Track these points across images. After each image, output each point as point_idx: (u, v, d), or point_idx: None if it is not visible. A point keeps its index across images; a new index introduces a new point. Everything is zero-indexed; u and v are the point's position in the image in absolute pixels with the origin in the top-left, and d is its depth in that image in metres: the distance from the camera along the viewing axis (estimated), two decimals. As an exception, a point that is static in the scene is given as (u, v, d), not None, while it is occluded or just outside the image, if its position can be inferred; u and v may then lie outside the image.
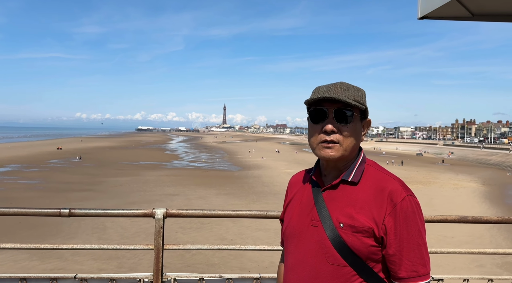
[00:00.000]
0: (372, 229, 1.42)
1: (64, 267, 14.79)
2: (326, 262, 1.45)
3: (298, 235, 1.55)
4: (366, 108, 1.56)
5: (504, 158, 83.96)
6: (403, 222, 1.42)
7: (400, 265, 1.42)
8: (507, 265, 17.22)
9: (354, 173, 1.51)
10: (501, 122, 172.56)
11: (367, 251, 1.43)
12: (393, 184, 1.46)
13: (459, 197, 35.92)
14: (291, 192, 1.70)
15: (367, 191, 1.47)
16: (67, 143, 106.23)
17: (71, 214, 2.31)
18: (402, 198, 1.43)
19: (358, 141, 1.54)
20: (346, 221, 1.44)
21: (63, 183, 36.52)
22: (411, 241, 1.42)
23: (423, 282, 1.42)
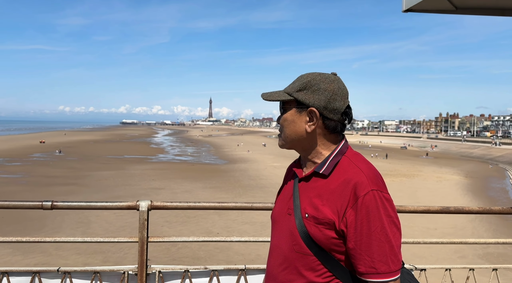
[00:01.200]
0: (333, 221, 1.42)
1: (48, 261, 14.64)
2: (293, 249, 1.49)
3: (277, 221, 1.61)
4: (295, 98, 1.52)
5: (487, 151, 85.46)
6: (365, 217, 1.39)
7: (360, 259, 1.40)
8: (488, 256, 17.60)
9: (326, 166, 1.52)
10: (484, 115, 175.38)
11: (329, 243, 1.44)
12: (360, 177, 1.43)
13: (442, 190, 36.49)
14: (285, 179, 1.74)
15: (335, 183, 1.47)
16: (50, 137, 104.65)
17: (53, 207, 2.28)
18: (365, 192, 1.40)
19: (294, 132, 1.54)
20: (311, 212, 1.47)
21: (46, 177, 36.03)
22: (372, 237, 1.38)
23: (383, 280, 1.38)
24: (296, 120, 1.54)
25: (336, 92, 1.52)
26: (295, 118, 1.54)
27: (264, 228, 19.37)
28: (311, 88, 1.52)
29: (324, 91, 1.51)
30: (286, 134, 1.57)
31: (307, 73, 1.56)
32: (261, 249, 16.02)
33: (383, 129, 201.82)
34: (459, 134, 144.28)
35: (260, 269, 2.46)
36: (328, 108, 1.51)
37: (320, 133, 1.54)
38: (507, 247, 16.34)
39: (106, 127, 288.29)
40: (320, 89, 1.51)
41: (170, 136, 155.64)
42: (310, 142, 1.56)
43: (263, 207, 2.45)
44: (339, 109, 1.52)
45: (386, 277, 1.38)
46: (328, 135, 1.55)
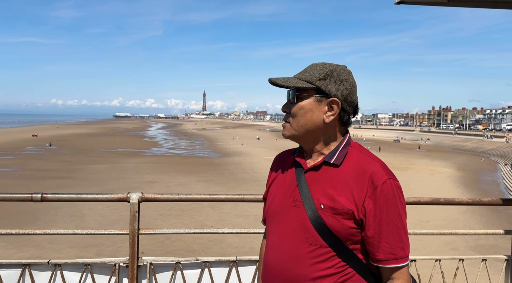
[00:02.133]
0: (352, 211, 1.42)
1: (41, 255, 14.61)
2: (306, 242, 1.46)
3: (280, 215, 1.55)
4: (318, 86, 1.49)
5: (479, 144, 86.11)
6: (383, 205, 1.42)
7: (379, 247, 1.43)
8: (479, 247, 17.80)
9: (337, 155, 1.51)
10: (476, 109, 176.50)
11: (347, 233, 1.43)
12: (375, 166, 1.46)
13: (434, 182, 36.78)
14: (275, 171, 1.69)
15: (348, 173, 1.47)
16: (43, 130, 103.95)
17: (43, 199, 2.26)
18: (383, 181, 1.43)
19: (310, 121, 1.51)
20: (327, 203, 1.45)
21: (39, 170, 35.84)
22: (390, 224, 1.42)
23: (401, 265, 1.44)
24: (315, 110, 1.51)
25: (354, 85, 1.55)
26: (313, 107, 1.51)
27: (257, 221, 19.39)
28: (333, 78, 1.51)
29: (345, 82, 1.52)
30: (301, 123, 1.52)
31: (323, 63, 1.55)
32: (254, 241, 16.08)
33: (377, 123, 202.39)
34: (451, 127, 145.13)
35: (252, 260, 2.46)
36: (348, 100, 1.52)
37: (334, 124, 1.54)
38: (498, 238, 16.52)
39: (99, 120, 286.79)
40: (342, 80, 1.52)
41: (164, 129, 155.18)
42: (324, 133, 1.54)
43: (255, 199, 2.45)
44: (355, 102, 1.55)
45: (403, 262, 1.44)
46: (339, 126, 1.55)
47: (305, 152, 1.59)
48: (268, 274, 1.56)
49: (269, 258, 1.56)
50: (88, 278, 2.33)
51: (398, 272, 1.45)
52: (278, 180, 1.64)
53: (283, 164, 1.66)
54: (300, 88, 1.50)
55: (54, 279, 2.31)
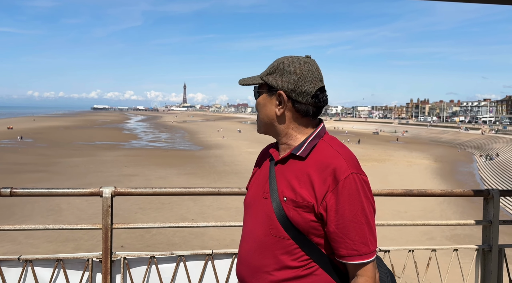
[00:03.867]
0: (312, 204, 1.41)
1: (17, 250, 14.35)
2: (270, 233, 1.47)
3: (251, 206, 1.58)
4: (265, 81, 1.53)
5: (455, 136, 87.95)
6: (346, 200, 1.39)
7: (341, 243, 1.41)
8: (455, 237, 18.26)
9: (304, 148, 1.50)
10: (453, 101, 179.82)
11: (308, 226, 1.43)
12: (339, 160, 1.43)
13: (412, 174, 37.46)
14: (257, 163, 1.71)
15: (312, 166, 1.46)
16: (19, 123, 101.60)
17: (12, 194, 2.20)
18: (346, 176, 1.40)
19: (266, 115, 1.55)
20: (289, 195, 1.45)
21: (15, 164, 35.06)
22: (353, 220, 1.39)
23: (364, 261, 1.41)
24: (267, 104, 1.54)
25: (305, 75, 1.49)
26: (266, 102, 1.54)
27: (239, 213, 19.45)
28: (280, 71, 1.51)
29: (292, 73, 1.49)
30: (260, 118, 1.58)
31: (281, 57, 1.55)
32: (236, 233, 16.10)
33: (356, 115, 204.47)
34: (429, 120, 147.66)
35: (228, 253, 2.46)
36: (296, 91, 1.49)
37: (291, 116, 1.53)
38: (473, 228, 16.94)
39: (76, 112, 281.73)
40: (289, 72, 1.50)
41: (143, 122, 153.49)
42: (282, 126, 1.54)
43: (231, 192, 2.44)
44: (308, 92, 1.49)
45: (367, 258, 1.41)
46: (300, 118, 1.53)
47: (278, 145, 1.61)
48: (239, 263, 1.60)
49: (240, 248, 1.60)
50: (60, 274, 2.29)
51: (362, 269, 1.42)
52: (257, 172, 1.66)
53: (264, 157, 1.68)
54: (259, 85, 1.56)
55: (25, 276, 2.26)
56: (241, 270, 1.57)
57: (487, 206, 2.80)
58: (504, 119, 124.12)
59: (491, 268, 2.75)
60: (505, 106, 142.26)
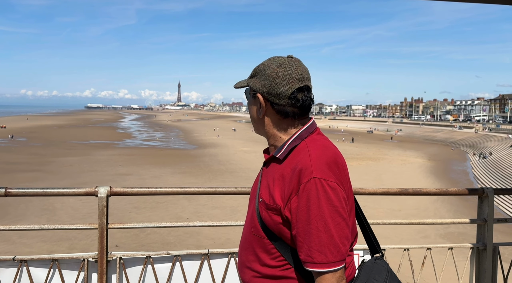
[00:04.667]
0: (279, 207, 1.41)
1: (11, 250, 14.27)
2: (251, 232, 1.54)
3: (249, 205, 1.65)
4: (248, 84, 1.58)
5: (449, 135, 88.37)
6: (304, 204, 1.36)
7: (300, 247, 1.38)
8: (449, 235, 18.35)
9: (283, 150, 1.49)
10: (447, 100, 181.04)
11: (277, 228, 1.43)
12: (306, 163, 1.39)
13: (406, 172, 37.61)
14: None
15: (287, 168, 1.44)
16: (12, 122, 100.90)
17: (7, 194, 2.19)
18: (308, 179, 1.36)
19: (252, 117, 1.60)
20: (264, 197, 1.48)
21: (8, 163, 34.82)
22: (310, 225, 1.35)
23: (319, 270, 1.35)
24: (253, 106, 1.58)
25: (279, 77, 1.47)
26: (252, 104, 1.58)
27: (234, 213, 19.46)
28: (259, 74, 1.53)
29: (268, 76, 1.49)
30: (253, 119, 1.62)
31: (268, 59, 1.57)
32: (231, 232, 16.11)
33: (351, 114, 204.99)
34: (422, 118, 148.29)
35: (224, 253, 2.46)
36: (272, 93, 1.48)
37: (273, 118, 1.53)
38: (467, 226, 17.05)
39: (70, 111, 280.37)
40: (265, 74, 1.50)
41: (138, 120, 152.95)
42: (266, 127, 1.56)
43: (226, 192, 2.44)
44: (284, 94, 1.46)
45: (322, 267, 1.34)
46: (282, 120, 1.51)
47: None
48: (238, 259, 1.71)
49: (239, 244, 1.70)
50: (56, 274, 2.28)
51: (320, 277, 1.36)
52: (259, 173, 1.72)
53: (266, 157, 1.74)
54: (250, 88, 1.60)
55: (20, 276, 2.25)
56: (238, 266, 1.68)
57: (481, 204, 2.82)
58: (497, 117, 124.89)
59: (486, 266, 2.77)
60: (498, 104, 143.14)
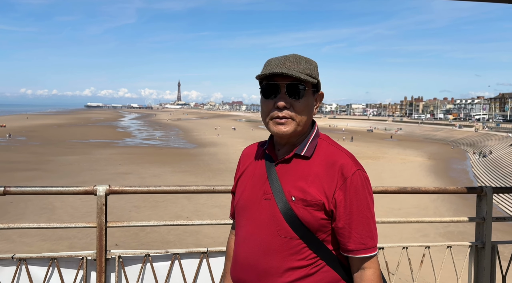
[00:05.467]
0: (322, 202, 1.43)
1: (11, 249, 14.26)
2: (278, 235, 1.46)
3: (250, 208, 1.54)
4: (318, 81, 1.53)
5: (449, 134, 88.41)
6: (353, 196, 1.44)
7: (349, 237, 1.44)
8: (448, 234, 18.37)
9: (307, 148, 1.51)
10: (447, 99, 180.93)
11: (318, 224, 1.44)
12: (344, 158, 1.47)
13: (406, 171, 37.62)
14: (244, 164, 1.68)
15: (319, 165, 1.48)
16: (12, 121, 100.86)
17: (6, 192, 2.19)
18: (352, 173, 1.44)
19: (310, 115, 1.53)
20: (298, 195, 1.45)
21: (8, 162, 34.80)
22: (360, 215, 1.44)
23: (371, 254, 1.45)
24: (311, 105, 1.53)
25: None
26: (310, 103, 1.52)
27: (233, 211, 19.42)
28: (317, 72, 1.54)
29: (318, 75, 1.55)
30: (305, 118, 1.51)
31: (301, 56, 1.52)
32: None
33: (351, 113, 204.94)
34: (422, 117, 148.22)
35: (223, 251, 2.46)
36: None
37: None
38: (467, 225, 17.07)
39: (70, 110, 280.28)
40: (318, 74, 1.55)
41: (138, 119, 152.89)
42: (306, 125, 1.55)
43: (225, 190, 2.44)
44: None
45: (373, 251, 1.46)
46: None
47: (278, 144, 1.58)
48: (239, 268, 1.55)
49: (239, 252, 1.55)
50: (55, 272, 2.28)
51: (369, 261, 1.47)
52: (247, 174, 1.63)
53: (251, 158, 1.66)
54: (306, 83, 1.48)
55: (19, 274, 2.25)
56: (242, 275, 1.53)
57: (480, 203, 2.82)
58: (497, 116, 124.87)
59: (484, 265, 2.77)
60: (498, 103, 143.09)
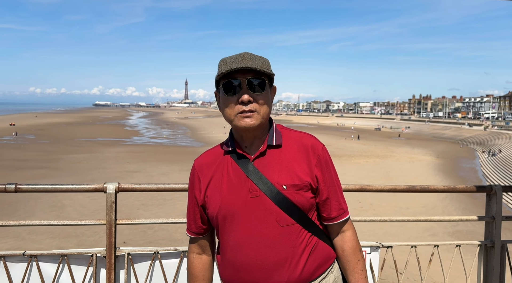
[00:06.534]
0: (309, 182, 1.54)
1: (21, 246, 14.40)
2: (278, 225, 1.49)
3: (238, 211, 1.52)
4: (274, 75, 1.60)
5: (458, 132, 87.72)
6: (326, 169, 1.59)
7: (331, 206, 1.59)
8: (457, 233, 18.23)
9: (275, 137, 1.58)
10: (455, 97, 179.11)
11: (309, 204, 1.54)
12: (310, 138, 1.61)
13: (414, 170, 37.37)
14: (206, 174, 1.63)
15: (292, 151, 1.57)
16: (21, 119, 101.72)
17: (17, 190, 2.22)
18: (321, 148, 1.60)
19: (271, 107, 1.60)
20: (287, 182, 1.52)
21: (17, 160, 35.12)
22: (334, 184, 1.61)
23: (348, 216, 1.63)
24: (270, 97, 1.59)
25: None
26: (269, 95, 1.59)
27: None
28: (269, 66, 1.60)
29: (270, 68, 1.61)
30: (268, 111, 1.56)
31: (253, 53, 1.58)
32: (237, 230, 16.12)
33: (358, 111, 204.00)
34: (431, 116, 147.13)
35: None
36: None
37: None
38: (475, 224, 16.92)
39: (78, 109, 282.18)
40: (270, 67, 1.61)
41: (145, 118, 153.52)
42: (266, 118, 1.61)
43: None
44: None
45: (348, 213, 1.64)
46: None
47: (245, 141, 1.59)
48: (243, 273, 1.52)
49: (239, 258, 1.52)
50: (65, 269, 2.31)
51: (347, 224, 1.64)
52: (215, 182, 1.59)
53: (212, 166, 1.63)
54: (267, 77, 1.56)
55: (30, 271, 2.27)
56: (249, 278, 1.52)
57: (489, 202, 2.80)
58: (506, 115, 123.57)
59: (494, 264, 2.75)
60: (507, 102, 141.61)
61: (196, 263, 1.71)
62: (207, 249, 1.73)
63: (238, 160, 1.57)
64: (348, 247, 1.62)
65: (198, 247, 1.72)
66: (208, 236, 1.72)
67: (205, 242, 1.72)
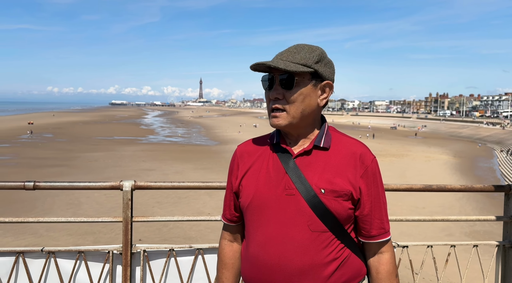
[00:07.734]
0: (350, 192, 1.44)
1: (39, 243, 14.66)
2: (308, 229, 1.42)
3: (270, 206, 1.46)
4: (315, 70, 1.44)
5: (475, 131, 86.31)
6: (373, 183, 1.48)
7: (372, 223, 1.49)
8: (474, 233, 17.96)
9: (324, 139, 1.50)
10: (473, 95, 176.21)
11: (347, 214, 1.45)
12: (362, 147, 1.51)
13: (431, 169, 36.91)
14: (246, 162, 1.58)
15: (339, 156, 1.48)
16: (39, 118, 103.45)
17: (36, 187, 2.26)
18: (371, 160, 1.49)
19: (309, 106, 1.46)
20: (326, 187, 1.43)
21: (36, 158, 35.75)
22: (379, 200, 1.50)
23: (388, 237, 1.53)
24: (312, 94, 1.46)
25: (333, 66, 1.56)
26: (310, 92, 1.46)
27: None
28: (324, 60, 1.48)
29: (331, 64, 1.53)
30: (300, 110, 1.45)
31: (306, 44, 1.49)
32: (251, 228, 16.14)
33: (374, 110, 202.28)
34: (448, 114, 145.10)
35: (245, 247, 2.48)
36: (333, 82, 1.54)
37: (321, 107, 1.54)
38: (493, 224, 16.65)
39: (95, 108, 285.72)
40: (329, 62, 1.52)
41: (160, 117, 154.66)
42: (315, 117, 1.53)
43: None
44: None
45: (389, 235, 1.55)
46: (321, 110, 1.55)
47: (289, 138, 1.54)
48: (263, 272, 1.46)
49: (262, 255, 1.46)
50: (82, 265, 2.34)
51: (386, 245, 1.54)
52: (253, 171, 1.54)
53: (254, 154, 1.58)
54: (297, 73, 1.42)
55: (48, 267, 2.32)
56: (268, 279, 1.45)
57: (508, 201, 2.75)
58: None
59: (512, 265, 2.71)
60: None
61: (227, 250, 1.67)
62: (239, 238, 1.67)
63: (281, 154, 1.51)
64: (384, 270, 1.51)
65: (230, 234, 1.68)
66: (241, 225, 1.65)
67: (237, 230, 1.66)
